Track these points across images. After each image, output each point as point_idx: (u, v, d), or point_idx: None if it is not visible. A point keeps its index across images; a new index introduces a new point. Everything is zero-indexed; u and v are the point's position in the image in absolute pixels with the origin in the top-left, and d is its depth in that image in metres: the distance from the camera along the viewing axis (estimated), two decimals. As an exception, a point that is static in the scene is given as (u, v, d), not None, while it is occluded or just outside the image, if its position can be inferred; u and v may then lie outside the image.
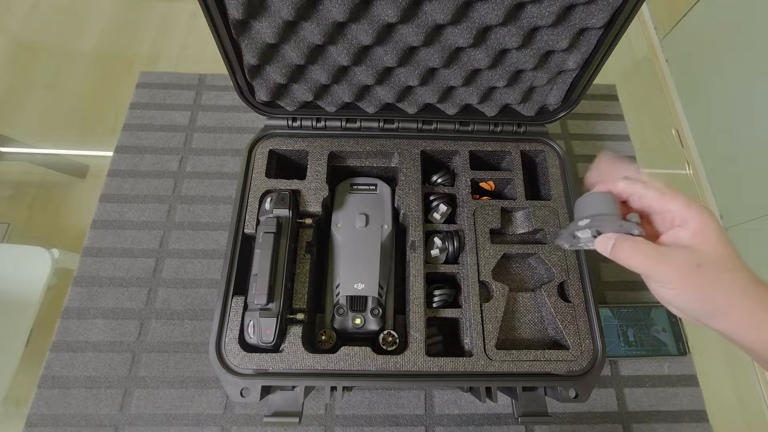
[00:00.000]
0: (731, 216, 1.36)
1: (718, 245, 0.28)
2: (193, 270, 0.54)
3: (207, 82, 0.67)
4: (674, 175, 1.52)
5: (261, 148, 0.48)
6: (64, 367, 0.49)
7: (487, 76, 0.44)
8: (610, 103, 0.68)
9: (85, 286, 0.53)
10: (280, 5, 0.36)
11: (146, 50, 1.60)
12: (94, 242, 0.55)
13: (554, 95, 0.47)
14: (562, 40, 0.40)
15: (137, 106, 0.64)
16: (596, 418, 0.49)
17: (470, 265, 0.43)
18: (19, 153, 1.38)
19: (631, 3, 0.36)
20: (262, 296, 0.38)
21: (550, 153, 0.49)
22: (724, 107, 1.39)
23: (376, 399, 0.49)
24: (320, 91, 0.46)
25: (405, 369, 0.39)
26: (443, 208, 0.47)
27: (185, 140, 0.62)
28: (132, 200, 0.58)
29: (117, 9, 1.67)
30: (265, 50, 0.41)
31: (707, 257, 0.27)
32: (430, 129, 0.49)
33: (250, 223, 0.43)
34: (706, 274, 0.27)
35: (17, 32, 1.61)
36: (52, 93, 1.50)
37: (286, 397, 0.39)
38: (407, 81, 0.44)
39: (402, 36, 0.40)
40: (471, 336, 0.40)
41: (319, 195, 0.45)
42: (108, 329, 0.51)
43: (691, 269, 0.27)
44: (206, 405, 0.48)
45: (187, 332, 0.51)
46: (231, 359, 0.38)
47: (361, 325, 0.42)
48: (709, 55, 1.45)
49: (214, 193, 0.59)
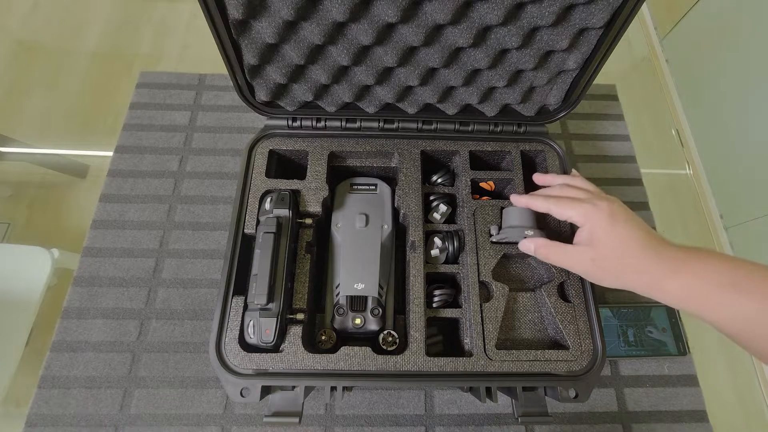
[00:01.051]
0: (731, 216, 1.36)
1: (607, 241, 0.35)
2: (193, 270, 0.54)
3: (207, 82, 0.67)
4: (674, 175, 1.52)
5: (261, 148, 0.48)
6: (64, 367, 0.49)
7: (487, 76, 0.44)
8: (610, 103, 0.68)
9: (85, 286, 0.53)
10: (280, 5, 0.36)
11: (146, 50, 1.60)
12: (94, 242, 0.55)
13: (554, 95, 0.47)
14: (562, 40, 0.40)
15: (137, 106, 0.64)
16: (596, 418, 0.49)
17: (470, 265, 0.43)
18: (19, 153, 1.38)
19: (631, 3, 0.36)
20: (262, 296, 0.38)
21: (550, 153, 0.49)
22: (724, 107, 1.39)
23: (376, 399, 0.49)
24: (320, 91, 0.46)
25: (405, 369, 0.39)
26: (443, 208, 0.47)
27: (185, 140, 0.62)
28: (132, 200, 0.58)
29: (117, 9, 1.67)
30: (265, 50, 0.41)
31: (598, 252, 0.35)
32: (430, 129, 0.49)
33: (250, 223, 0.43)
34: (600, 265, 0.36)
35: (17, 32, 1.61)
36: (52, 93, 1.50)
37: (286, 397, 0.39)
38: (407, 81, 0.44)
39: (402, 36, 0.40)
40: (471, 336, 0.40)
41: (319, 195, 0.45)
42: (108, 329, 0.51)
43: (588, 263, 0.36)
44: (206, 405, 0.48)
45: (187, 332, 0.51)
46: (231, 359, 0.38)
47: (361, 325, 0.42)
48: (709, 55, 1.45)
49: (214, 193, 0.59)
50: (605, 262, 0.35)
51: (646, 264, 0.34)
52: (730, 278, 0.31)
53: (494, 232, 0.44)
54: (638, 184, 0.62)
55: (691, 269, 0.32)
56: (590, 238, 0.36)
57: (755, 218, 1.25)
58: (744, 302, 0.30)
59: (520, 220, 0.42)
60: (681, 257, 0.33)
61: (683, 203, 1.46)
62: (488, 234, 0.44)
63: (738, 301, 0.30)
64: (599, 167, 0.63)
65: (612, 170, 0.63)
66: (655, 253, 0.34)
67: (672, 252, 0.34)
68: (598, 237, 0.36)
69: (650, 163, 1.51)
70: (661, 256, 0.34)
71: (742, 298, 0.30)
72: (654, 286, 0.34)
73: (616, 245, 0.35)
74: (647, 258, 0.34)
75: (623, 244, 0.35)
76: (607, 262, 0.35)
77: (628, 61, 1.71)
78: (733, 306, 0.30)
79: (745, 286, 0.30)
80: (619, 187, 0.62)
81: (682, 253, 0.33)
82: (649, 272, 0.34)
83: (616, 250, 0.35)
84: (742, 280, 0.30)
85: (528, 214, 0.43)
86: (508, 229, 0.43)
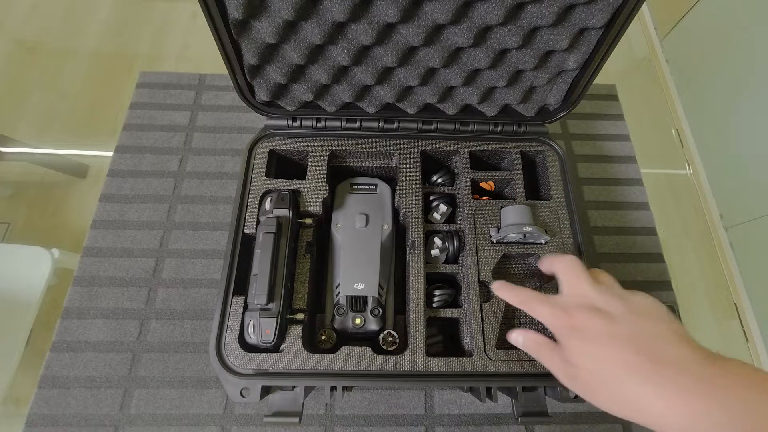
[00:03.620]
0: (731, 216, 1.36)
1: (584, 362, 0.29)
2: (193, 270, 0.54)
3: (207, 82, 0.67)
4: (674, 175, 1.52)
5: (261, 148, 0.48)
6: (64, 367, 0.49)
7: (487, 76, 0.44)
8: (610, 103, 0.68)
9: (85, 286, 0.53)
10: (280, 5, 0.36)
11: (146, 50, 1.60)
12: (94, 242, 0.55)
13: (554, 95, 0.47)
14: (562, 40, 0.40)
15: (137, 106, 0.64)
16: (596, 418, 0.49)
17: (470, 265, 0.43)
18: (19, 153, 1.38)
19: (631, 3, 0.36)
20: (262, 296, 0.38)
21: (550, 153, 0.49)
22: (724, 107, 1.39)
23: (376, 399, 0.49)
24: (320, 91, 0.46)
25: (405, 369, 0.39)
26: (443, 208, 0.47)
27: (185, 140, 0.62)
28: (132, 200, 0.58)
29: (117, 9, 1.67)
30: (265, 50, 0.41)
31: (576, 372, 0.29)
32: (430, 129, 0.49)
33: (250, 223, 0.43)
34: (579, 384, 0.30)
35: (17, 32, 1.61)
36: (52, 93, 1.50)
37: (286, 397, 0.39)
38: (407, 81, 0.44)
39: (402, 36, 0.40)
40: (471, 336, 0.40)
41: (319, 195, 0.45)
42: (108, 329, 0.51)
43: (567, 379, 0.30)
44: (206, 405, 0.48)
45: (187, 332, 0.51)
46: (231, 359, 0.38)
47: (361, 325, 0.42)
48: (709, 55, 1.45)
49: (214, 193, 0.59)
50: (581, 385, 0.29)
51: (619, 400, 0.27)
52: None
53: (494, 233, 0.44)
54: (638, 184, 0.62)
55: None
56: (565, 353, 0.31)
57: (755, 218, 1.25)
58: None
59: (518, 218, 0.43)
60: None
61: (683, 203, 1.46)
62: (488, 234, 0.44)
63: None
64: (599, 167, 0.63)
65: (612, 170, 0.63)
66: (623, 376, 0.27)
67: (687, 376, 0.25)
68: (568, 353, 0.30)
69: (650, 163, 1.51)
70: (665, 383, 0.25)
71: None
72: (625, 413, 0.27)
73: (591, 368, 0.29)
74: (620, 380, 0.27)
75: (603, 368, 0.28)
76: (581, 385, 0.29)
77: (628, 61, 1.71)
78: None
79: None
80: (619, 187, 0.62)
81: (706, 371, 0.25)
82: (620, 408, 0.27)
83: (591, 373, 0.29)
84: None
85: (526, 211, 0.43)
86: (507, 228, 0.43)
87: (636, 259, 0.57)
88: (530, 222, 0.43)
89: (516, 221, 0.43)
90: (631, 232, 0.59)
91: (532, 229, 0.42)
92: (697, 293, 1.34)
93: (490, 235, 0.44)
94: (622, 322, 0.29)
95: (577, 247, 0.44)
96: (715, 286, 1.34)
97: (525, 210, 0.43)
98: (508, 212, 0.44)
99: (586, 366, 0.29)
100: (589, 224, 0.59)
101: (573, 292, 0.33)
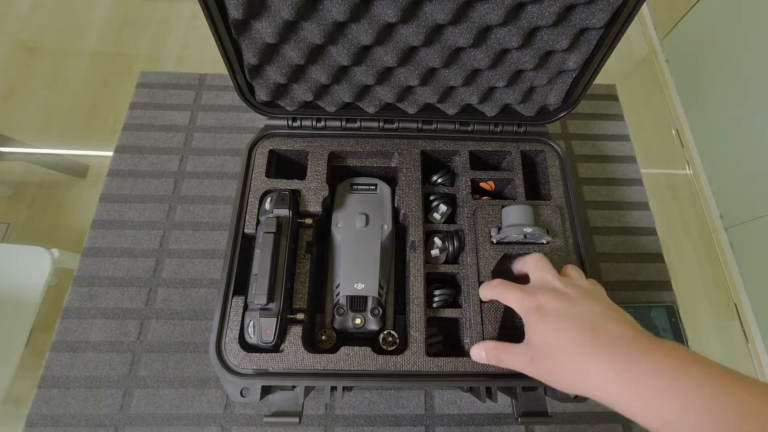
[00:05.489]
0: (731, 216, 1.36)
1: (543, 338, 0.32)
2: (193, 270, 0.54)
3: (207, 82, 0.67)
4: (674, 175, 1.52)
5: (261, 148, 0.48)
6: (64, 367, 0.49)
7: (487, 76, 0.44)
8: (610, 103, 0.68)
9: (85, 286, 0.53)
10: (280, 5, 0.36)
11: (146, 50, 1.60)
12: (94, 242, 0.55)
13: (554, 95, 0.47)
14: (562, 40, 0.40)
15: (137, 106, 0.64)
16: (596, 418, 0.49)
17: (470, 265, 0.43)
18: (19, 153, 1.38)
19: (631, 3, 0.36)
20: (262, 296, 0.38)
21: (550, 153, 0.49)
22: (724, 107, 1.39)
23: (376, 399, 0.49)
24: (320, 91, 0.46)
25: (405, 369, 0.39)
26: (443, 208, 0.47)
27: (185, 140, 0.62)
28: (132, 200, 0.58)
29: (117, 9, 1.67)
30: (265, 50, 0.41)
31: (535, 352, 0.33)
32: (430, 129, 0.49)
33: (250, 223, 0.43)
34: (537, 364, 0.33)
35: (17, 32, 1.61)
36: (52, 93, 1.50)
37: (286, 397, 0.39)
38: (407, 81, 0.44)
39: (402, 36, 0.40)
40: (471, 336, 0.40)
41: (319, 195, 0.45)
42: (108, 329, 0.51)
43: (528, 363, 0.33)
44: (206, 405, 0.48)
45: (187, 332, 0.51)
46: (231, 359, 0.38)
47: (361, 325, 0.42)
48: (709, 55, 1.45)
49: (214, 193, 0.59)
50: (541, 361, 0.32)
51: (576, 374, 0.30)
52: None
53: (494, 233, 0.44)
54: (638, 184, 0.62)
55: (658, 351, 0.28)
56: (528, 335, 0.34)
57: (755, 218, 1.25)
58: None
59: (520, 219, 0.43)
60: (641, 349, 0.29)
61: (683, 203, 1.46)
62: (488, 234, 0.44)
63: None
64: (599, 167, 0.63)
65: (612, 170, 0.63)
66: (581, 357, 0.30)
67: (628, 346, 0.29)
68: (535, 334, 0.33)
69: (650, 163, 1.51)
70: (608, 349, 0.29)
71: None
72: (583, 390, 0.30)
73: (552, 342, 0.32)
74: (580, 358, 0.30)
75: (559, 343, 0.31)
76: (542, 360, 0.32)
77: (628, 61, 1.71)
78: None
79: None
80: (619, 187, 0.62)
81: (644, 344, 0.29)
82: (577, 384, 0.30)
83: (551, 347, 0.32)
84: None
85: (528, 212, 0.43)
86: (508, 228, 0.43)
87: (636, 259, 0.57)
88: (531, 222, 0.42)
89: (517, 221, 0.42)
90: (631, 232, 0.59)
91: (534, 230, 0.41)
92: (697, 293, 1.34)
93: (491, 236, 0.44)
94: (578, 303, 0.33)
95: (577, 247, 0.44)
96: (715, 287, 1.34)
97: (526, 210, 0.43)
98: (510, 212, 0.44)
99: (544, 340, 0.32)
100: (589, 224, 0.59)
101: (539, 281, 0.37)
